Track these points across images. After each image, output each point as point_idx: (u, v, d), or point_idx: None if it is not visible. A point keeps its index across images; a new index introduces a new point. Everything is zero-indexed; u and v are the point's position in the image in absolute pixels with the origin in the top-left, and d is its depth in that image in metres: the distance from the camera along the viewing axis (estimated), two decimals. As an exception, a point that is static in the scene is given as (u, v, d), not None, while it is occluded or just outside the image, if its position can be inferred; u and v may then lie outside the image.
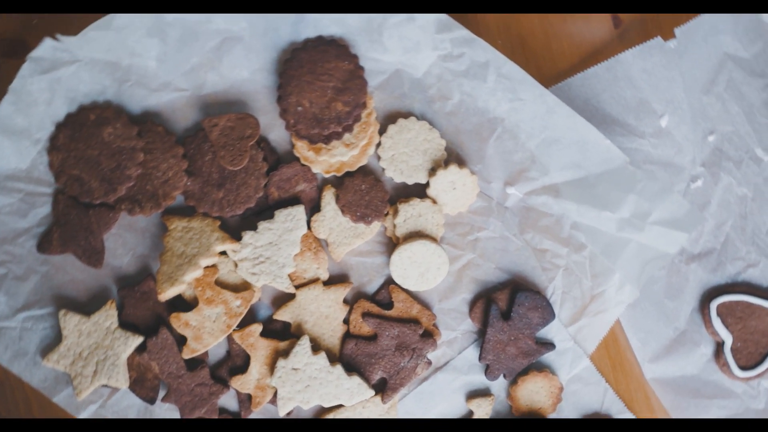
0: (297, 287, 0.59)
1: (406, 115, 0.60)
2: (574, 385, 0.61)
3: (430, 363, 0.60)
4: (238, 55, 0.59)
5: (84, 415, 0.58)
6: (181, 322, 0.57)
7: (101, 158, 0.57)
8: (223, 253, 0.59)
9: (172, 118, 0.59)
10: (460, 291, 0.61)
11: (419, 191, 0.60)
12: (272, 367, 0.58)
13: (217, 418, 0.58)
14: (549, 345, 0.60)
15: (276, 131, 0.60)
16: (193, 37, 0.58)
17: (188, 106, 0.59)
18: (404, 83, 0.60)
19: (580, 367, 0.61)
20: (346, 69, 0.58)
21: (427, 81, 0.60)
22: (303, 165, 0.60)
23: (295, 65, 0.58)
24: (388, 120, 0.61)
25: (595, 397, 0.61)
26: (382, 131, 0.60)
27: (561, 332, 0.61)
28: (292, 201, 0.59)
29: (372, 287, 0.61)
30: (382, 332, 0.59)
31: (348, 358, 0.59)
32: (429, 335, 0.60)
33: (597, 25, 0.65)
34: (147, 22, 0.57)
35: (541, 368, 0.60)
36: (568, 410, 0.61)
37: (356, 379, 0.58)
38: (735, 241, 0.62)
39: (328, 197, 0.60)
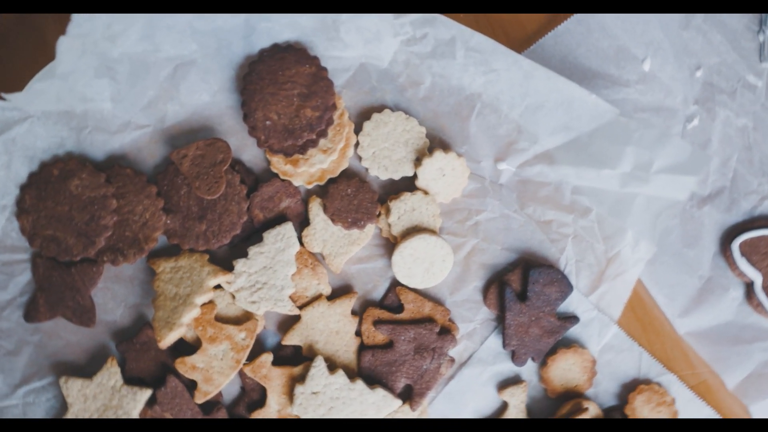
0: (301, 307, 0.56)
1: (380, 108, 0.58)
2: (606, 355, 0.58)
3: (453, 360, 0.57)
4: (194, 80, 0.56)
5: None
6: (187, 366, 0.55)
7: (73, 213, 0.54)
8: (218, 286, 0.56)
9: (139, 158, 0.57)
10: (470, 279, 0.58)
11: (408, 185, 0.58)
12: (291, 395, 0.55)
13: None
14: (572, 319, 0.57)
15: (249, 151, 0.57)
16: (144, 69, 0.55)
17: (153, 141, 0.57)
18: (371, 76, 0.58)
19: (609, 335, 0.58)
20: (308, 73, 0.56)
21: (395, 69, 0.58)
22: (283, 180, 0.57)
23: (255, 79, 0.55)
24: (362, 117, 0.58)
25: (630, 363, 0.58)
26: (358, 130, 0.57)
27: (582, 303, 0.58)
28: (279, 219, 0.57)
29: (378, 293, 0.58)
30: (398, 337, 0.56)
31: (367, 370, 0.56)
32: (447, 331, 0.57)
33: (559, -21, 0.62)
34: (92, 62, 0.54)
35: (569, 344, 0.57)
36: (605, 382, 0.58)
37: (380, 392, 0.55)
38: (744, 175, 0.59)
39: (316, 208, 0.57)
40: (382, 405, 0.55)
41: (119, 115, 0.56)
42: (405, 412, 0.56)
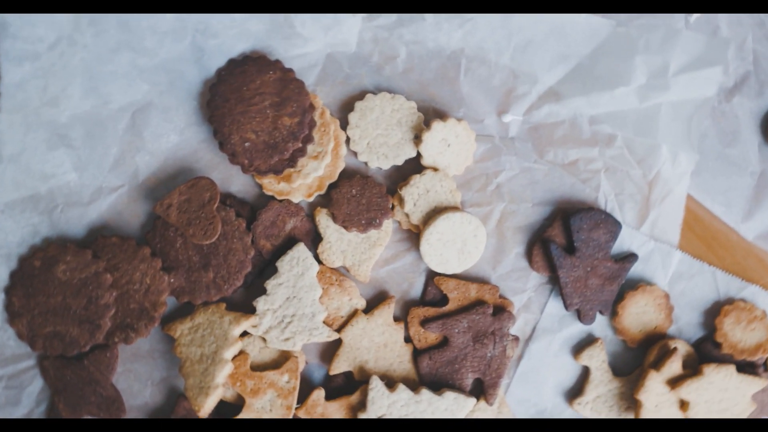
0: (339, 330, 0.51)
1: (361, 95, 0.52)
2: (677, 285, 0.52)
3: (517, 338, 0.51)
4: (157, 123, 0.51)
5: None
6: (237, 428, 0.49)
7: (68, 301, 0.49)
8: (244, 333, 0.51)
9: (122, 222, 0.51)
10: (509, 248, 0.52)
11: (414, 167, 0.52)
12: (356, 427, 0.49)
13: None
14: (630, 257, 0.52)
15: (235, 180, 0.52)
16: (100, 127, 0.50)
17: (132, 201, 0.51)
18: (342, 65, 0.52)
19: (675, 263, 0.52)
20: (274, 80, 0.50)
21: (365, 50, 0.52)
22: (281, 201, 0.51)
23: (220, 102, 0.50)
24: (345, 110, 0.53)
25: (706, 286, 0.52)
26: (344, 125, 0.52)
27: (636, 237, 0.52)
28: (289, 243, 0.51)
29: (416, 290, 0.52)
30: (451, 332, 0.51)
31: (429, 376, 0.51)
32: (501, 310, 0.51)
33: None
34: (41, 135, 0.49)
35: (635, 285, 0.52)
36: (684, 315, 0.52)
37: (450, 395, 0.49)
38: (765, 53, 0.54)
39: (324, 220, 0.52)
40: (455, 408, 0.49)
41: (88, 183, 0.51)
42: (483, 409, 0.51)
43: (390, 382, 0.51)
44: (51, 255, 0.49)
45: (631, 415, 0.51)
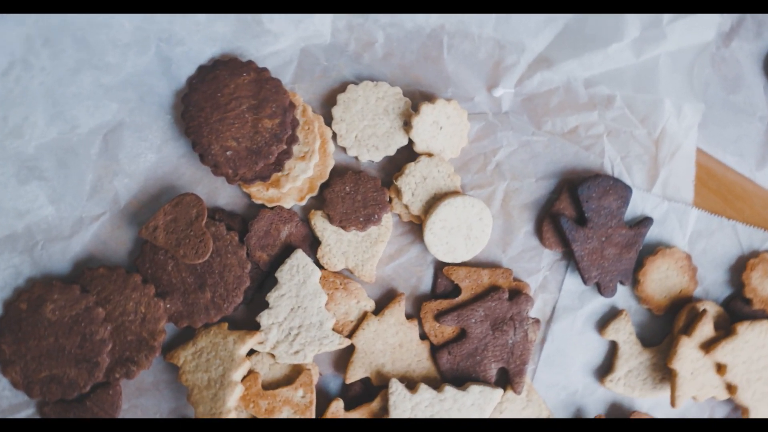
0: (350, 335, 0.48)
1: (342, 87, 0.50)
2: (698, 244, 0.50)
3: (537, 321, 0.49)
4: (131, 143, 0.48)
5: None
6: (256, 452, 0.47)
7: (61, 341, 0.46)
8: (251, 352, 0.48)
9: (108, 251, 0.49)
10: (517, 227, 0.50)
11: (408, 155, 0.50)
12: (381, 435, 0.47)
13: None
14: (645, 221, 0.49)
15: (222, 192, 0.49)
16: (71, 154, 0.47)
17: (116, 228, 0.49)
18: (318, 57, 0.50)
19: (692, 222, 0.50)
20: (249, 82, 0.48)
21: (340, 39, 0.50)
22: (272, 208, 0.49)
23: (195, 112, 0.47)
24: (328, 104, 0.50)
25: (728, 242, 0.50)
26: (328, 121, 0.50)
27: (648, 200, 0.50)
28: (287, 252, 0.49)
29: (425, 284, 0.50)
30: (468, 322, 0.48)
31: (450, 372, 0.48)
32: (517, 293, 0.49)
33: None
34: (9, 169, 0.46)
35: (653, 250, 0.49)
36: (709, 274, 0.50)
37: (475, 389, 0.47)
38: (757, -10, 0.51)
39: (320, 223, 0.49)
40: (482, 402, 0.47)
41: (66, 215, 0.48)
42: (511, 400, 0.48)
43: (410, 384, 0.48)
44: (37, 295, 0.47)
45: (666, 387, 0.48)
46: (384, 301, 0.49)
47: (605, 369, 0.49)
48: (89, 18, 0.45)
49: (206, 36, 0.48)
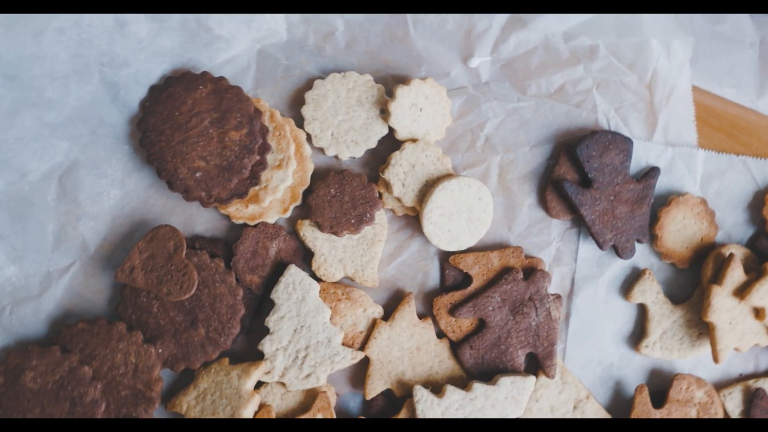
0: (362, 347, 0.45)
1: (308, 85, 0.46)
2: (711, 186, 0.47)
3: (558, 296, 0.45)
4: (90, 181, 0.44)
5: None
6: (283, 491, 0.42)
7: (48, 411, 0.42)
8: (260, 384, 0.44)
9: (85, 303, 0.44)
10: (519, 201, 0.46)
11: (391, 145, 0.46)
12: (413, 448, 0.43)
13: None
14: (652, 172, 0.46)
15: (199, 218, 0.45)
16: (25, 205, 0.43)
17: (89, 276, 0.44)
18: (277, 57, 0.46)
19: (701, 164, 0.47)
20: (206, 94, 0.44)
21: (297, 34, 0.46)
22: (255, 226, 0.45)
23: (154, 137, 0.43)
24: (296, 105, 0.46)
25: (741, 179, 0.47)
26: (300, 123, 0.46)
27: (651, 149, 0.47)
28: (279, 270, 0.45)
29: (433, 278, 0.46)
30: (485, 311, 0.44)
31: (476, 367, 0.45)
32: (532, 271, 0.45)
33: None
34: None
35: (666, 200, 0.46)
36: (728, 216, 0.47)
37: (505, 381, 0.43)
38: None
39: (309, 232, 0.45)
40: (516, 394, 0.43)
41: (32, 272, 0.44)
42: (546, 385, 0.45)
43: (436, 387, 0.44)
44: (14, 365, 0.42)
45: (705, 343, 0.45)
46: (392, 304, 0.46)
47: (638, 335, 0.46)
48: (17, 53, 0.41)
49: (152, 53, 0.44)
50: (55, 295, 0.44)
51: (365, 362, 0.45)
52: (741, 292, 0.44)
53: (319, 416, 0.44)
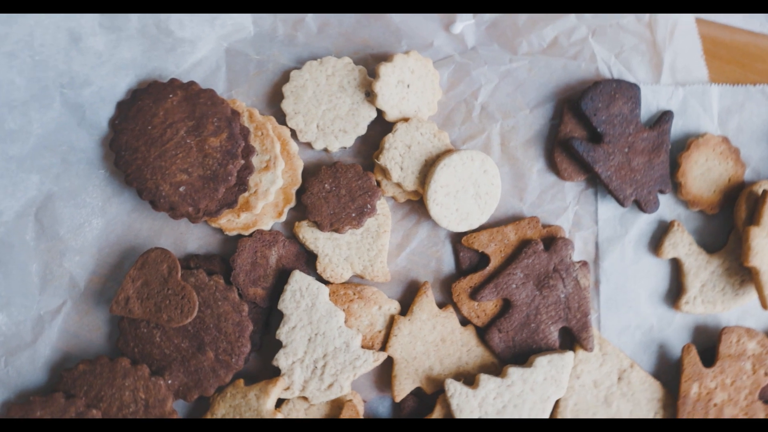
0: (383, 348, 0.42)
1: (284, 77, 0.43)
2: (730, 122, 0.43)
3: (584, 263, 0.42)
4: (69, 213, 0.41)
5: None
6: None
7: (60, 461, 0.39)
8: (280, 402, 0.41)
9: (82, 343, 0.42)
10: (527, 168, 0.43)
11: (382, 128, 0.43)
12: (453, 446, 0.40)
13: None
14: (665, 116, 0.43)
15: (189, 235, 0.42)
16: (4, 247, 0.40)
17: (83, 314, 0.42)
18: (248, 52, 0.43)
19: (716, 100, 0.43)
20: (178, 102, 0.41)
21: (265, 26, 0.43)
22: (251, 235, 0.42)
23: (129, 156, 0.40)
24: (275, 101, 0.43)
25: (761, 109, 0.43)
26: (282, 119, 0.43)
27: (660, 92, 0.43)
28: (283, 278, 0.42)
29: (447, 263, 0.43)
30: (508, 289, 0.41)
31: (508, 351, 0.41)
32: (552, 239, 0.42)
33: None
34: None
35: (685, 145, 0.43)
36: (753, 150, 0.43)
37: (542, 361, 0.40)
38: None
39: (309, 234, 0.42)
40: (555, 373, 0.40)
41: (21, 318, 0.41)
42: (586, 359, 0.41)
43: (468, 379, 0.41)
44: (17, 419, 0.39)
45: (750, 290, 0.42)
46: (408, 297, 0.43)
47: (676, 292, 0.43)
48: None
49: (113, 66, 0.41)
50: (50, 338, 0.41)
51: (389, 363, 0.42)
52: (780, 229, 0.41)
53: (348, 427, 0.41)
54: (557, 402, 0.41)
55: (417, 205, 0.43)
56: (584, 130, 0.43)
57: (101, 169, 0.42)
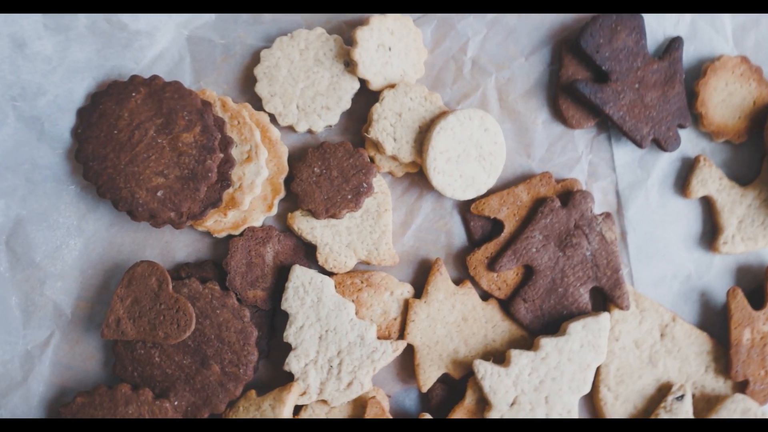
0: (401, 336, 0.38)
1: (254, 59, 0.40)
2: (747, 40, 0.40)
3: (607, 214, 0.38)
4: (42, 237, 0.38)
5: None
6: None
7: (70, 504, 0.36)
8: (298, 408, 0.38)
9: (77, 374, 0.39)
10: (530, 121, 0.40)
11: (367, 99, 0.39)
12: None
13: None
14: (674, 43, 0.39)
15: (176, 243, 0.39)
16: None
17: (73, 343, 0.39)
18: (212, 38, 0.40)
19: (727, 18, 0.40)
20: (143, 100, 0.37)
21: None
22: (241, 234, 0.38)
23: (98, 165, 0.37)
24: (248, 86, 0.40)
25: (780, 19, 0.40)
26: (258, 104, 0.39)
27: (666, 19, 0.40)
28: (282, 275, 0.38)
29: (458, 236, 0.39)
30: (528, 255, 0.38)
31: (537, 321, 0.38)
32: (568, 194, 0.38)
33: None
34: None
35: (701, 71, 0.39)
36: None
37: (576, 327, 0.37)
38: None
39: (304, 224, 0.38)
40: (592, 338, 0.37)
41: (8, 356, 0.38)
42: (622, 319, 0.38)
43: (498, 357, 0.38)
44: (17, 465, 0.36)
45: (792, 218, 0.38)
46: (421, 278, 0.39)
47: (711, 233, 0.39)
48: None
49: (66, 71, 0.38)
50: (42, 374, 0.38)
51: (410, 351, 0.38)
52: (818, 148, 0.37)
53: (375, 426, 0.37)
54: (598, 369, 0.38)
55: (417, 177, 0.39)
56: (588, 70, 0.39)
57: (70, 184, 0.38)
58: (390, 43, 0.39)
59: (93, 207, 0.39)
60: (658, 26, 0.40)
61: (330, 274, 0.38)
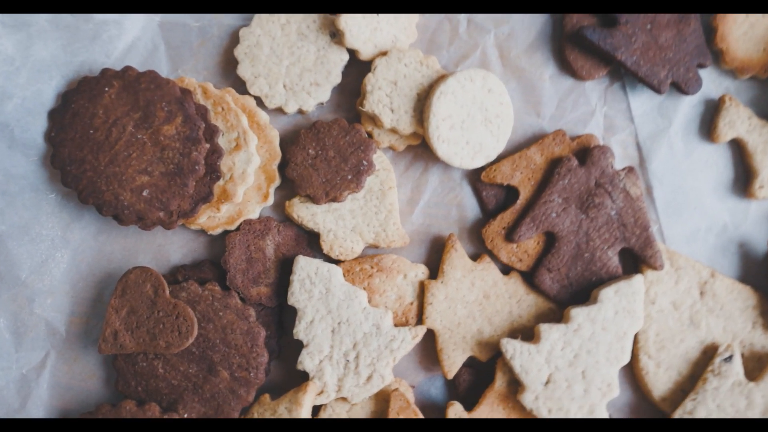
0: (420, 320, 0.35)
1: (233, 40, 0.37)
2: (763, -36, 0.36)
3: (631, 168, 0.35)
4: (25, 252, 0.36)
5: None
6: None
7: None
8: (317, 408, 0.35)
9: (79, 394, 0.36)
10: (537, 76, 0.37)
11: (359, 70, 0.37)
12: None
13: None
14: (684, -25, 0.36)
15: (169, 245, 0.36)
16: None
17: (70, 362, 0.36)
18: (186, 23, 0.37)
19: (740, -57, 0.36)
20: (117, 94, 0.35)
21: (198, -15, 0.36)
22: (238, 229, 0.36)
23: (76, 169, 0.35)
24: (229, 69, 0.37)
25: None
26: (242, 88, 0.36)
27: (672, -51, 0.36)
28: (286, 267, 0.36)
29: (471, 208, 0.37)
30: (548, 221, 0.35)
31: (564, 290, 0.35)
32: (585, 151, 0.35)
33: None
34: None
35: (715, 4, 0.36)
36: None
37: (608, 293, 0.34)
38: None
39: (304, 211, 0.36)
40: (626, 303, 0.34)
41: (2, 383, 0.35)
42: (657, 280, 0.35)
43: (527, 334, 0.35)
44: (23, 497, 0.34)
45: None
46: (435, 257, 0.36)
47: (744, 178, 0.36)
48: None
49: (32, 71, 0.35)
50: (41, 398, 0.35)
51: (430, 336, 0.36)
52: None
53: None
54: (636, 336, 0.35)
55: (420, 149, 0.37)
56: (593, 16, 0.36)
57: (50, 193, 0.36)
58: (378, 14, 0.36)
59: (77, 215, 0.36)
60: (666, -40, 0.36)
61: (337, 262, 0.36)
